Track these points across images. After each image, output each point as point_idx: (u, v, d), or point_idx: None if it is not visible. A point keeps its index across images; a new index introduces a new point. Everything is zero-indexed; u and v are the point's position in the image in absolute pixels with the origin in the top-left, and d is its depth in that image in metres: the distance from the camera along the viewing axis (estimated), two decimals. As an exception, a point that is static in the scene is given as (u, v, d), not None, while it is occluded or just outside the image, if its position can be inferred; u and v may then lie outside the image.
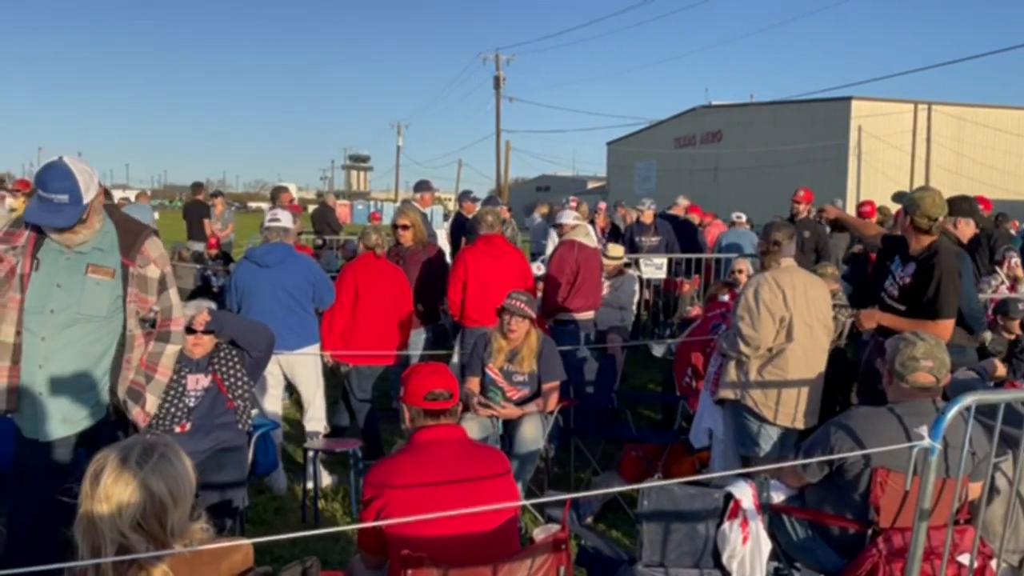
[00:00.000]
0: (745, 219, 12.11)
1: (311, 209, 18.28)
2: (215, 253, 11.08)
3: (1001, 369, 4.62)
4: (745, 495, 3.16)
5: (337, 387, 6.21)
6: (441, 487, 2.65)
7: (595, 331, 7.19)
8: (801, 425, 4.23)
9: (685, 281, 10.23)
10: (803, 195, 8.97)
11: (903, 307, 4.27)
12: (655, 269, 9.82)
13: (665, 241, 10.11)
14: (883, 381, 3.48)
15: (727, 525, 3.15)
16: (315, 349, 5.52)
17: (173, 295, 3.48)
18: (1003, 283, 6.97)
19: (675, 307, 10.33)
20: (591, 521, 4.81)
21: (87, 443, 3.29)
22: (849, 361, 5.68)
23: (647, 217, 10.20)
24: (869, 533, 3.16)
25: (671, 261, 10.06)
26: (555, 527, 2.79)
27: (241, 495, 3.99)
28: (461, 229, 9.41)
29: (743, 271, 7.06)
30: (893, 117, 30.07)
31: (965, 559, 2.95)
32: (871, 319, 4.38)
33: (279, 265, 5.28)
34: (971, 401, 2.71)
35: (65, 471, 3.20)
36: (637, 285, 8.55)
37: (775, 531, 3.36)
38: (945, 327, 4.09)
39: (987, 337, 5.57)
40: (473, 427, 4.67)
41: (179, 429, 4.00)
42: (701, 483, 3.40)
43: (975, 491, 3.20)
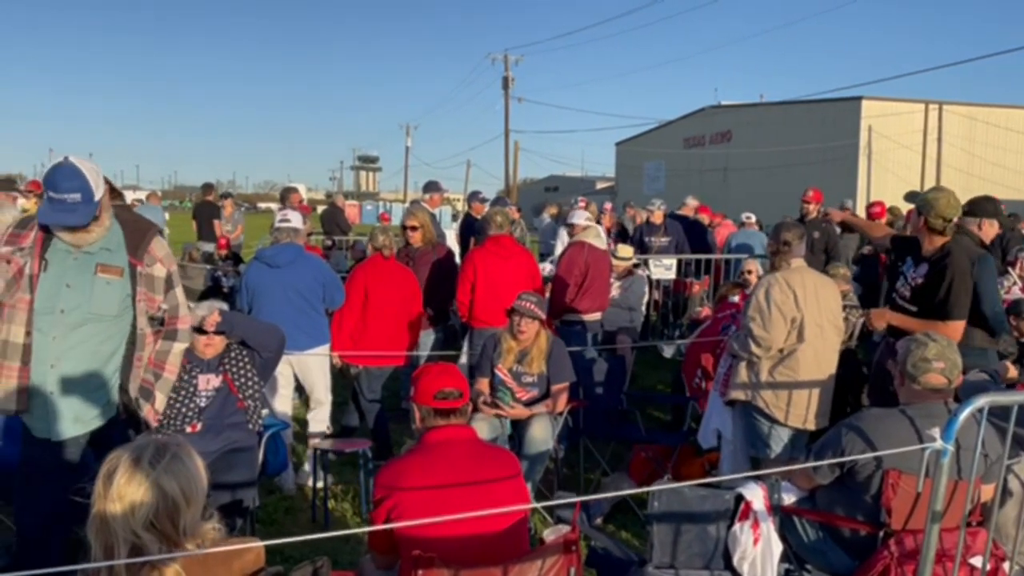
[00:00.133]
0: (755, 219, 12.08)
1: (320, 210, 18.33)
2: (225, 254, 11.12)
3: (1013, 371, 4.59)
4: (756, 496, 3.15)
5: (347, 388, 6.22)
6: (452, 488, 2.65)
7: (603, 332, 7.19)
8: (812, 426, 4.22)
9: (695, 282, 10.21)
10: (813, 195, 8.95)
11: (914, 308, 4.25)
12: (664, 270, 9.80)
13: (675, 242, 10.08)
14: (895, 382, 3.46)
15: (738, 526, 3.14)
16: (325, 349, 5.53)
17: (179, 294, 3.50)
18: (1015, 284, 6.93)
19: (684, 308, 10.30)
20: (600, 522, 4.80)
21: (97, 442, 3.32)
22: (860, 362, 5.65)
23: (657, 217, 10.18)
24: (880, 535, 3.14)
25: (680, 262, 10.04)
26: (565, 528, 2.79)
27: (251, 495, 4.01)
28: (470, 230, 9.41)
29: (753, 272, 7.06)
30: (904, 117, 29.92)
31: (977, 561, 2.93)
32: (882, 319, 4.37)
33: (290, 266, 5.30)
34: (984, 403, 2.70)
35: (76, 470, 3.22)
36: (646, 286, 8.54)
37: (786, 533, 3.35)
38: (956, 328, 4.07)
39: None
40: (483, 427, 4.68)
41: (190, 429, 4.02)
42: (711, 484, 3.39)
43: (987, 493, 3.18)
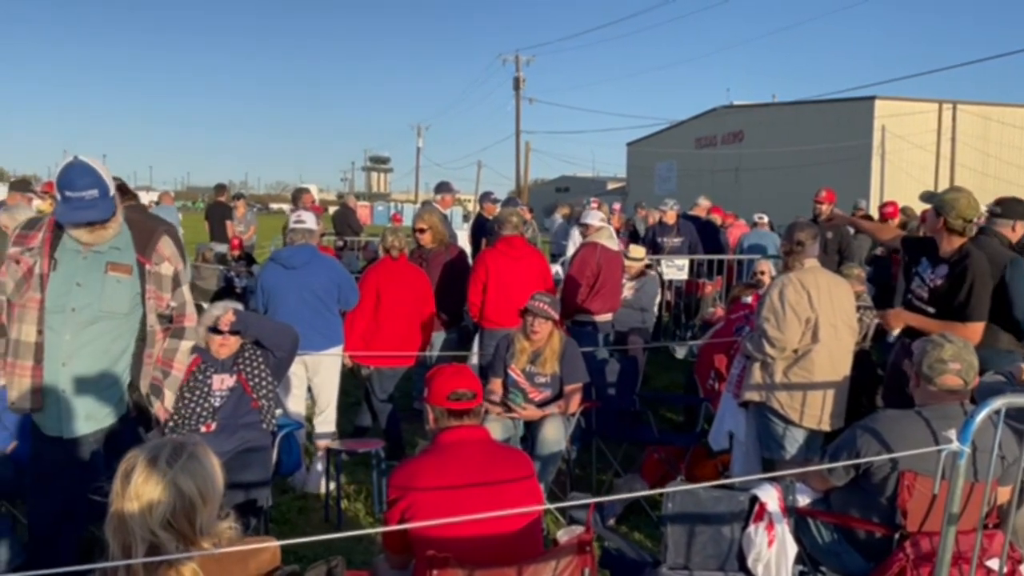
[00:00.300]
0: (767, 220, 12.04)
1: (332, 211, 18.38)
2: (238, 254, 11.17)
3: (1029, 372, 4.55)
4: (771, 498, 3.14)
5: (359, 388, 6.23)
6: (465, 489, 2.65)
7: (615, 332, 7.18)
8: (827, 427, 4.20)
9: (707, 283, 10.18)
10: (825, 195, 8.90)
11: (932, 309, 4.22)
12: (676, 270, 9.78)
13: (688, 242, 10.05)
14: (910, 383, 3.45)
15: (752, 528, 3.13)
16: (340, 350, 5.55)
17: (186, 292, 3.53)
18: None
19: (697, 309, 10.28)
20: (613, 523, 4.80)
21: (108, 440, 3.35)
22: (874, 363, 5.62)
23: (670, 218, 10.15)
24: (896, 537, 3.13)
25: (693, 262, 10.01)
26: (579, 529, 2.79)
27: (265, 494, 4.02)
28: (482, 230, 9.42)
29: (766, 273, 7.03)
30: (917, 116, 29.74)
31: (994, 564, 2.91)
32: (899, 320, 4.33)
33: (305, 266, 5.32)
34: (1001, 404, 2.68)
35: (88, 468, 3.25)
36: (659, 286, 8.52)
37: (800, 534, 3.34)
38: (976, 330, 4.04)
39: None
40: (495, 428, 4.68)
41: (204, 429, 4.03)
42: (726, 486, 3.38)
43: (1004, 495, 3.16)
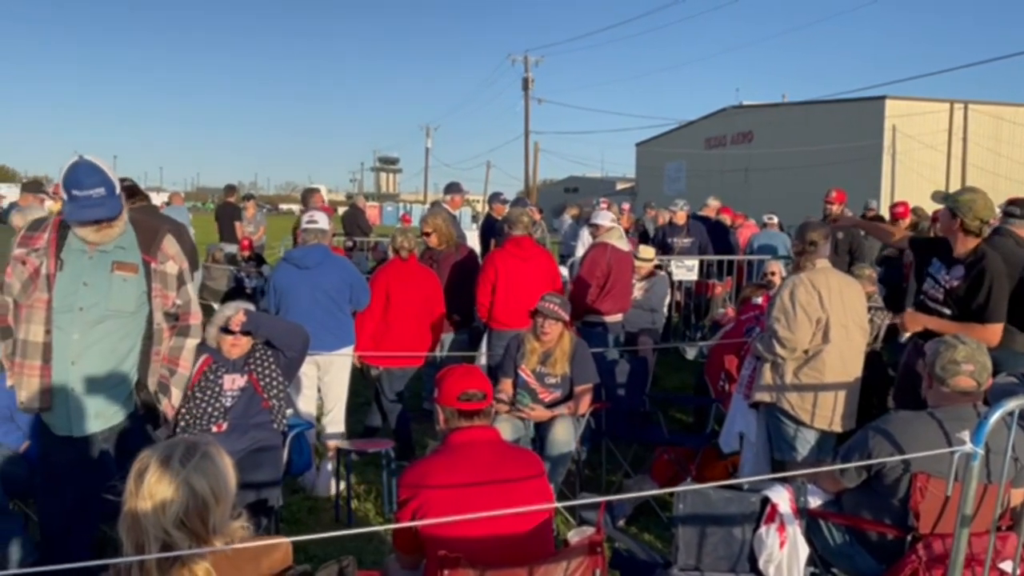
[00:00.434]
0: (776, 220, 12.00)
1: (341, 211, 18.41)
2: (248, 255, 11.22)
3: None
4: (782, 499, 3.13)
5: (369, 388, 6.24)
6: (476, 488, 2.66)
7: (625, 333, 7.17)
8: (838, 428, 4.18)
9: (717, 283, 10.15)
10: (836, 196, 8.88)
11: (948, 310, 4.20)
12: (686, 271, 9.76)
13: (698, 242, 10.03)
14: (923, 385, 3.43)
15: (764, 529, 3.12)
16: (351, 350, 5.57)
17: (190, 290, 3.56)
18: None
19: (707, 309, 10.26)
20: (623, 524, 4.79)
21: (119, 438, 3.37)
22: (885, 364, 5.60)
23: (680, 218, 10.13)
24: (908, 539, 3.12)
25: (703, 263, 9.99)
26: (589, 529, 2.79)
27: (276, 494, 4.04)
28: (491, 230, 9.43)
29: (776, 273, 7.02)
30: (928, 116, 29.61)
31: (1007, 566, 2.90)
32: (916, 322, 4.28)
33: (318, 267, 5.34)
34: (1015, 406, 2.67)
35: (98, 466, 3.28)
36: (668, 287, 8.51)
37: (812, 536, 3.33)
38: (995, 331, 4.02)
39: None
40: (505, 428, 4.68)
41: (216, 429, 4.05)
42: (737, 487, 3.37)
43: (1017, 497, 3.15)
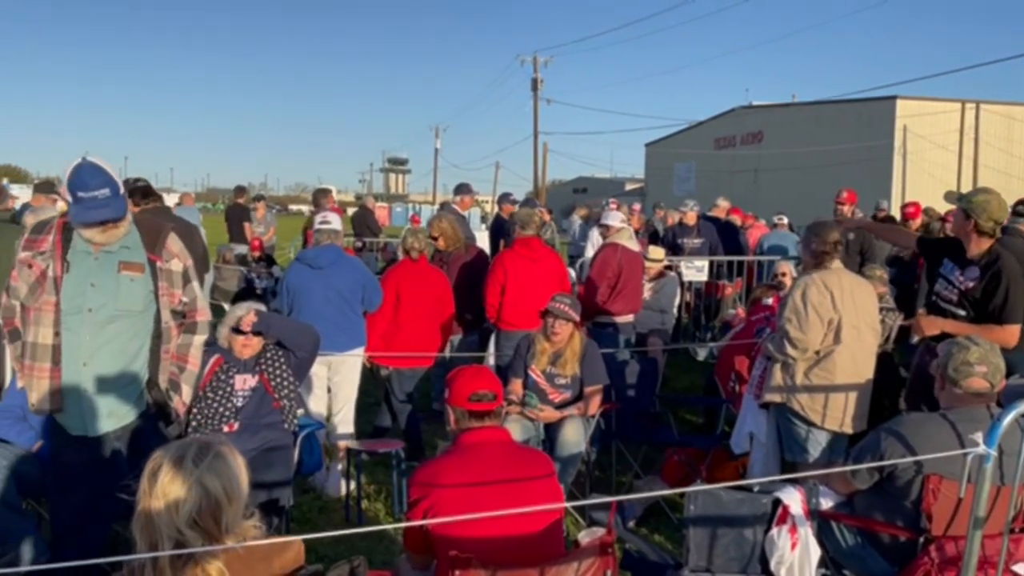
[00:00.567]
0: (786, 221, 11.97)
1: (351, 212, 18.46)
2: (258, 255, 11.26)
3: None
4: (794, 501, 3.12)
5: (379, 388, 6.26)
6: (487, 489, 2.66)
7: (635, 334, 7.16)
8: (849, 429, 4.16)
9: (727, 284, 10.12)
10: (846, 196, 8.84)
11: (963, 312, 4.17)
12: (696, 272, 9.73)
13: (708, 243, 10.00)
14: (935, 386, 3.41)
15: (775, 531, 3.11)
16: (362, 351, 5.58)
17: (196, 287, 3.57)
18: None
19: (717, 310, 10.23)
20: (633, 525, 4.79)
21: (131, 437, 3.39)
22: (897, 365, 5.58)
23: (690, 219, 10.10)
24: (921, 541, 3.10)
25: (712, 264, 9.97)
26: (600, 530, 2.78)
27: (287, 494, 4.05)
28: (500, 231, 9.44)
29: (787, 274, 7.00)
30: (940, 116, 29.46)
31: (1021, 569, 2.88)
32: (932, 325, 4.21)
33: (331, 267, 5.35)
34: (1029, 407, 2.65)
35: (111, 465, 3.29)
36: (678, 287, 8.49)
37: (824, 538, 3.32)
38: (1013, 332, 3.99)
39: None
40: (515, 429, 4.68)
41: (227, 428, 4.07)
42: (747, 488, 3.36)
43: (1031, 499, 3.12)
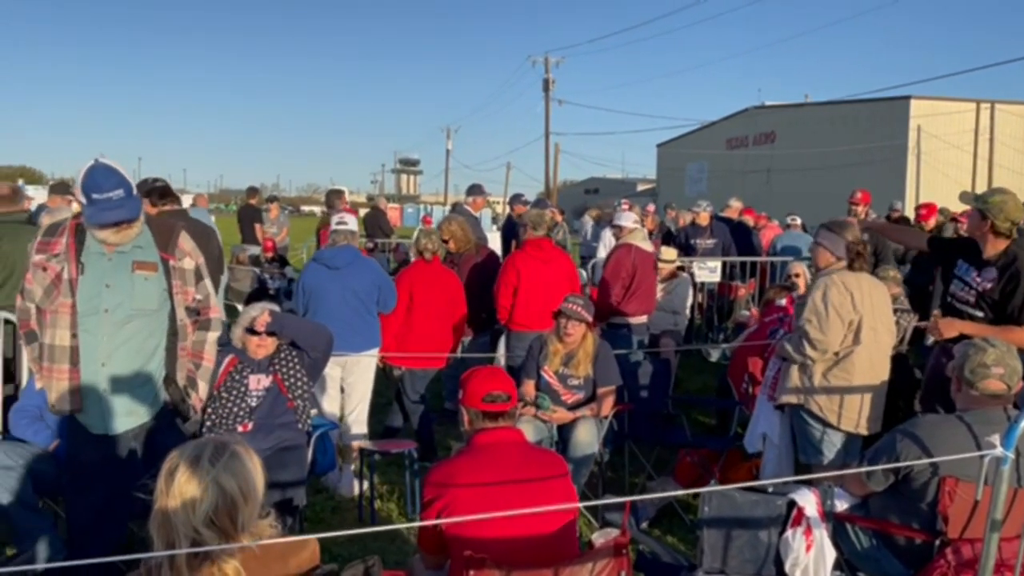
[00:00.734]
0: (800, 222, 11.91)
1: (362, 212, 18.53)
2: (271, 256, 11.31)
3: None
4: (809, 503, 3.11)
5: (390, 389, 6.27)
6: (502, 489, 2.66)
7: (648, 335, 7.14)
8: (864, 431, 4.14)
9: (740, 285, 10.09)
10: (860, 197, 8.81)
11: (980, 313, 4.13)
12: (709, 272, 9.70)
13: (721, 244, 9.97)
14: (952, 388, 3.39)
15: (790, 533, 3.10)
16: (376, 352, 5.59)
17: (209, 285, 3.61)
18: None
19: (730, 311, 10.19)
20: (646, 526, 4.78)
21: (148, 436, 3.42)
22: (911, 367, 5.54)
23: (703, 219, 10.07)
24: (937, 544, 3.08)
25: (725, 264, 9.94)
26: (613, 531, 2.78)
27: (301, 494, 4.06)
28: (512, 232, 9.44)
29: (800, 275, 6.97)
30: (954, 116, 29.28)
31: (1038, 572, 2.86)
32: (951, 328, 4.15)
33: (348, 267, 5.37)
34: (1047, 409, 2.63)
35: (127, 464, 3.33)
36: (691, 288, 8.47)
37: (839, 540, 3.30)
38: None
39: None
40: (528, 429, 4.67)
41: (241, 428, 4.09)
42: (761, 489, 3.35)
43: (1049, 502, 3.10)
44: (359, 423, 5.62)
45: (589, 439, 4.74)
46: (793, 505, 3.14)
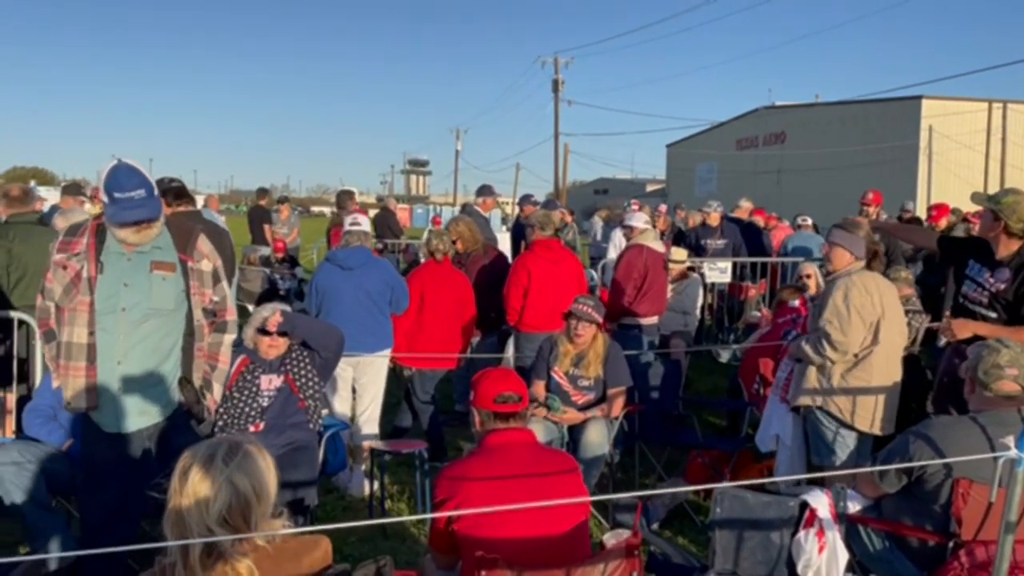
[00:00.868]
0: (811, 222, 11.86)
1: (372, 213, 18.57)
2: (281, 257, 11.35)
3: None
4: (821, 504, 3.10)
5: (400, 389, 6.28)
6: (514, 487, 2.66)
7: (659, 336, 7.13)
8: (878, 431, 4.12)
9: (750, 286, 10.06)
10: (872, 197, 8.78)
11: (994, 314, 4.11)
12: (719, 273, 9.67)
13: (731, 244, 9.95)
14: (965, 389, 3.37)
15: (802, 534, 3.08)
16: (389, 352, 5.60)
17: (226, 287, 3.64)
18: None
19: (740, 312, 10.17)
20: (656, 528, 4.77)
21: (162, 435, 3.45)
22: (923, 368, 5.52)
23: (713, 219, 10.05)
24: (950, 546, 3.07)
25: (736, 265, 9.91)
26: (625, 532, 2.77)
27: (312, 494, 4.07)
28: (521, 232, 9.44)
29: (812, 276, 6.95)
30: (966, 116, 29.10)
31: (1053, 575, 2.84)
32: (965, 330, 4.11)
33: (361, 268, 5.39)
34: (1062, 411, 2.61)
35: (140, 463, 3.36)
36: (701, 289, 8.45)
37: (851, 542, 3.29)
38: None
39: None
40: (538, 430, 4.67)
41: (253, 428, 4.10)
42: (773, 490, 3.34)
43: (1064, 504, 3.08)
44: (371, 423, 5.63)
45: (600, 440, 4.74)
46: (805, 506, 3.13)
